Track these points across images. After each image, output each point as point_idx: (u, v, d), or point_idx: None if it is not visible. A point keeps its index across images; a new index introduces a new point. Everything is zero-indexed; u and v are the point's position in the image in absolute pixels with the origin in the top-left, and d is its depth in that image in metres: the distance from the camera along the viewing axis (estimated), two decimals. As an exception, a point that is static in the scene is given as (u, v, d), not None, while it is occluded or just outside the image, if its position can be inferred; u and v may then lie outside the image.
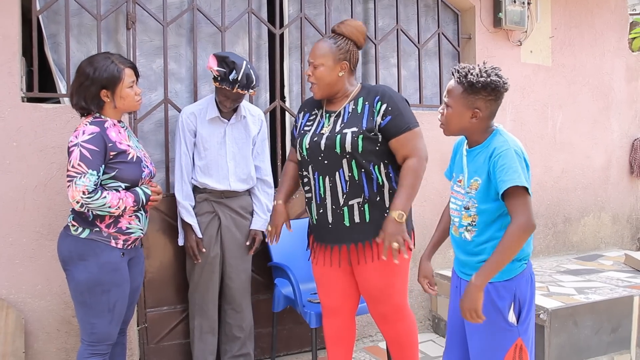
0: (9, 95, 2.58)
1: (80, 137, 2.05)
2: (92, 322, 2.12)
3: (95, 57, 2.17)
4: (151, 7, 2.93)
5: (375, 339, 3.43)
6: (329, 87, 2.20)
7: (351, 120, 2.17)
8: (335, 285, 2.31)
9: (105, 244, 2.11)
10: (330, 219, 2.20)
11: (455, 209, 1.91)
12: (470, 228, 1.84)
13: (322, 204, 2.21)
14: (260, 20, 3.22)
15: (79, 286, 2.10)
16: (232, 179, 2.73)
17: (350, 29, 2.20)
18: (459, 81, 1.80)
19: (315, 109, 2.31)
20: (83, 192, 2.01)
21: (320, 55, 2.18)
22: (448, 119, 1.85)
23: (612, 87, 4.42)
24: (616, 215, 4.49)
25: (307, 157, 2.22)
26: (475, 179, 1.82)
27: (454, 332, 1.99)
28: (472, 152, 1.87)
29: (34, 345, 2.64)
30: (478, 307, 1.73)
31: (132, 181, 2.16)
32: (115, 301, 2.13)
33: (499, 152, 1.75)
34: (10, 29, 2.59)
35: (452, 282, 2.02)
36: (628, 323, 3.06)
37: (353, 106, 2.20)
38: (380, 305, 2.26)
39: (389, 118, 2.13)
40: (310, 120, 2.30)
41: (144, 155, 2.27)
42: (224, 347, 2.84)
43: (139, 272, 2.32)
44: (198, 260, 2.70)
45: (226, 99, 2.61)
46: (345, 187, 2.15)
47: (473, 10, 3.81)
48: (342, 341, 2.39)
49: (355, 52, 2.22)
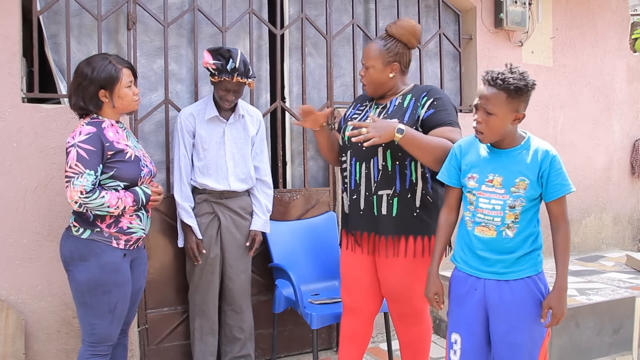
0: (9, 95, 2.58)
1: (77, 137, 2.06)
2: (92, 323, 2.11)
3: (93, 57, 2.17)
4: (152, 7, 2.93)
5: (376, 340, 3.42)
6: (380, 87, 2.24)
7: (395, 112, 2.19)
8: (358, 286, 2.31)
9: (106, 244, 2.10)
10: (362, 206, 2.22)
11: (492, 208, 1.88)
12: (512, 225, 1.87)
13: (356, 189, 2.23)
14: (261, 21, 3.21)
15: (80, 286, 2.10)
16: (232, 179, 2.73)
17: (400, 31, 2.20)
18: (502, 87, 1.78)
19: (367, 101, 2.35)
20: (81, 192, 2.01)
21: (371, 58, 2.20)
22: (491, 127, 1.83)
23: (613, 88, 4.41)
24: (617, 216, 4.49)
25: (348, 143, 2.24)
26: (522, 178, 1.85)
27: (472, 335, 1.96)
28: (509, 153, 1.89)
29: (34, 346, 2.64)
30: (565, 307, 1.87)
31: (131, 180, 2.15)
32: (116, 302, 2.12)
33: (553, 156, 1.87)
34: (11, 29, 2.59)
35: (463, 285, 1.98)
36: (630, 324, 3.05)
37: (400, 100, 2.22)
38: (400, 305, 2.26)
39: (431, 111, 2.14)
40: (359, 110, 2.34)
41: (142, 154, 2.26)
42: (225, 349, 2.83)
43: (141, 273, 2.31)
44: (198, 261, 2.70)
45: (227, 91, 2.61)
46: (377, 175, 2.16)
47: (474, 10, 3.80)
48: (357, 342, 2.38)
49: (405, 53, 2.23)
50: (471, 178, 1.93)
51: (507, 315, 1.89)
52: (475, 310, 1.95)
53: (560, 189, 1.86)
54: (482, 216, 1.91)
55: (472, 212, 1.94)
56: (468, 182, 1.94)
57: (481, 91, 1.84)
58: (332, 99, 3.37)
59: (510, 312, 1.89)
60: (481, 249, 1.92)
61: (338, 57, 3.47)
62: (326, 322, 2.69)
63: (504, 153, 1.90)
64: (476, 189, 1.92)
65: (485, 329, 1.96)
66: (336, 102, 3.40)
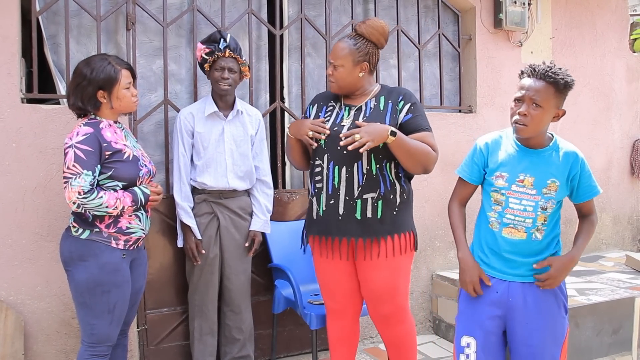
0: (8, 96, 2.58)
1: (75, 138, 2.06)
2: (92, 323, 2.11)
3: (92, 58, 2.17)
4: (151, 8, 2.93)
5: (375, 340, 3.42)
6: (349, 86, 2.23)
7: (374, 116, 2.18)
8: (339, 287, 2.30)
9: (105, 244, 2.11)
10: (341, 211, 2.19)
11: (523, 209, 1.86)
12: (541, 227, 1.86)
13: (334, 194, 2.19)
14: (260, 21, 3.21)
15: (79, 287, 2.10)
16: (230, 176, 2.72)
17: (370, 30, 2.20)
18: (553, 80, 1.78)
19: (332, 102, 2.32)
20: (79, 192, 2.01)
21: (340, 57, 2.19)
22: (536, 120, 1.80)
23: (612, 88, 4.41)
24: (617, 216, 4.49)
25: (324, 146, 2.22)
26: (553, 180, 1.84)
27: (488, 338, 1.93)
28: (540, 153, 1.87)
29: (34, 347, 2.63)
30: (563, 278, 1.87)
31: (129, 180, 2.15)
32: (115, 302, 2.12)
33: (582, 158, 1.88)
34: (10, 29, 2.59)
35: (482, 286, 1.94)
36: (629, 324, 3.05)
37: (375, 103, 2.22)
38: (382, 306, 2.24)
39: (410, 116, 2.17)
40: (328, 112, 2.30)
41: (141, 154, 2.27)
42: (224, 349, 2.83)
43: (141, 274, 2.31)
44: (198, 262, 2.69)
45: (222, 70, 2.64)
46: (362, 179, 2.15)
47: (473, 11, 3.80)
48: (346, 343, 2.38)
49: (375, 52, 2.23)
50: (500, 177, 1.89)
51: (530, 318, 1.87)
52: (493, 312, 1.91)
53: (591, 191, 1.90)
54: (512, 217, 1.87)
55: (499, 213, 1.90)
56: (496, 180, 1.89)
57: (529, 84, 1.80)
58: (331, 99, 3.36)
59: (535, 315, 1.87)
60: (508, 251, 1.88)
61: (337, 57, 3.46)
62: (325, 322, 2.68)
63: (534, 153, 1.87)
64: (506, 189, 1.88)
65: (501, 331, 1.93)
66: (335, 102, 3.40)
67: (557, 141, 1.91)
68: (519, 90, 1.83)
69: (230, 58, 2.64)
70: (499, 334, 1.94)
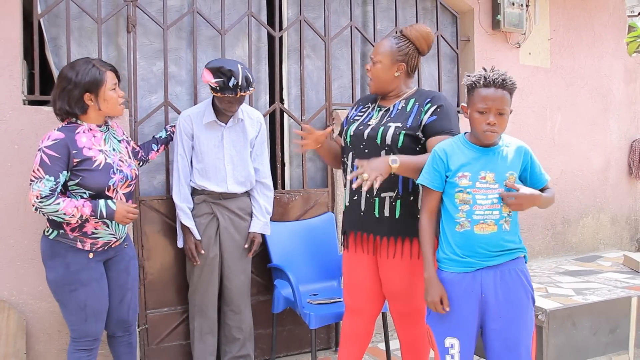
0: (10, 98, 2.60)
1: (44, 142, 2.10)
2: (69, 319, 2.22)
3: (77, 61, 2.20)
4: (151, 10, 2.95)
5: (375, 339, 3.43)
6: (384, 84, 2.25)
7: (398, 116, 2.20)
8: (361, 287, 2.31)
9: (70, 245, 2.16)
10: (362, 207, 2.23)
11: (490, 203, 1.94)
12: (508, 218, 1.96)
13: (357, 191, 2.23)
14: (259, 23, 3.23)
15: (51, 285, 2.21)
16: (230, 182, 2.74)
17: (416, 34, 2.23)
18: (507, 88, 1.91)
19: (370, 103, 2.36)
20: (36, 196, 2.06)
21: (380, 53, 2.23)
22: (504, 125, 1.94)
23: (610, 89, 4.43)
24: (615, 217, 4.51)
25: (350, 144, 2.26)
26: (511, 172, 1.96)
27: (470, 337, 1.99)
28: (494, 150, 1.98)
29: (35, 346, 2.65)
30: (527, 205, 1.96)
31: (96, 189, 2.16)
32: (84, 300, 2.17)
33: (528, 149, 2.02)
34: (12, 32, 2.61)
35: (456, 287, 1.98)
36: (626, 324, 3.07)
37: (403, 104, 2.24)
38: (400, 305, 2.27)
39: (434, 118, 2.15)
40: (361, 112, 2.35)
41: (119, 159, 2.26)
42: (224, 348, 2.85)
43: (122, 270, 2.34)
44: (197, 262, 2.71)
45: (230, 104, 2.62)
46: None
47: (472, 12, 3.83)
48: (357, 341, 2.38)
49: (414, 56, 2.25)
50: (463, 177, 1.96)
51: (502, 311, 1.93)
52: (472, 310, 1.97)
53: (542, 179, 2.03)
54: (481, 213, 1.93)
55: (467, 212, 1.95)
56: (460, 181, 1.96)
57: (491, 95, 1.89)
58: (330, 100, 3.39)
59: (506, 307, 1.93)
60: (482, 246, 1.95)
61: (336, 59, 3.49)
62: (325, 322, 2.71)
63: (489, 151, 1.97)
64: (471, 187, 1.95)
65: (478, 329, 2.00)
66: (334, 103, 3.42)
67: (503, 138, 2.02)
68: (481, 102, 1.90)
69: (241, 96, 2.60)
70: (476, 333, 2.00)
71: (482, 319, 1.98)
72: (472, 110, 1.93)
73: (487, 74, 1.90)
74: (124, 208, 2.18)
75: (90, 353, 2.24)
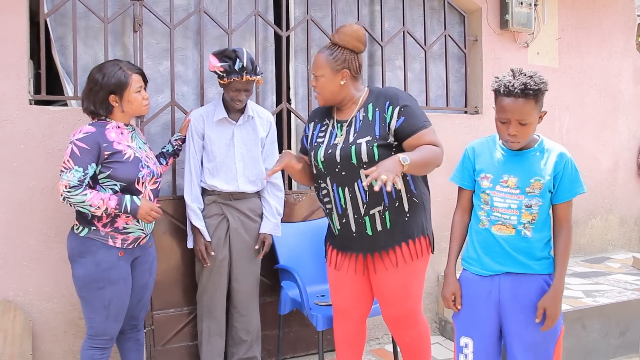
0: (17, 97, 2.60)
1: (76, 135, 2.17)
2: (90, 317, 2.23)
3: (105, 64, 2.29)
4: (158, 9, 2.94)
5: (381, 341, 3.42)
6: (333, 95, 2.20)
7: (364, 129, 2.14)
8: (348, 289, 2.30)
9: (102, 242, 2.19)
10: (353, 228, 2.19)
11: (507, 207, 1.91)
12: (529, 225, 1.90)
13: (344, 214, 2.20)
14: (266, 23, 3.22)
15: (77, 282, 2.21)
16: (241, 180, 2.73)
17: (344, 37, 2.16)
18: (531, 95, 1.79)
19: (326, 119, 2.29)
20: (65, 186, 2.11)
21: (319, 67, 2.18)
22: (527, 134, 1.86)
23: (619, 89, 4.40)
24: (624, 218, 4.47)
25: (324, 170, 2.20)
26: (537, 179, 1.89)
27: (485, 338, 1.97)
28: (524, 154, 1.92)
29: (41, 347, 2.65)
30: (559, 309, 1.90)
31: (127, 180, 2.21)
32: (110, 298, 2.20)
33: (568, 158, 1.90)
34: (18, 31, 2.61)
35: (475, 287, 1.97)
36: (637, 326, 3.04)
37: (364, 114, 2.18)
38: (393, 309, 2.24)
39: (402, 119, 2.10)
40: (322, 132, 2.27)
41: (146, 156, 2.32)
42: (231, 350, 2.83)
43: (146, 271, 2.38)
44: (207, 263, 2.70)
45: (237, 92, 2.62)
46: (365, 197, 2.13)
47: (480, 12, 3.80)
48: (352, 344, 2.37)
49: (353, 59, 2.18)
50: (485, 178, 1.96)
51: (521, 313, 1.90)
52: (488, 312, 1.94)
53: (570, 191, 1.90)
54: (498, 214, 1.93)
55: (486, 212, 1.96)
56: (482, 182, 1.96)
57: (510, 105, 1.81)
58: (337, 100, 3.37)
59: (524, 309, 1.90)
60: (500, 246, 1.92)
61: (343, 58, 3.46)
62: (332, 323, 2.68)
63: (518, 155, 1.93)
64: (490, 189, 1.94)
65: (497, 332, 1.96)
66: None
67: (543, 142, 1.95)
68: (501, 112, 1.84)
69: (247, 80, 2.61)
70: (494, 334, 1.97)
71: (503, 322, 1.95)
72: (496, 117, 1.89)
73: (508, 80, 1.81)
74: (148, 205, 2.23)
75: (103, 352, 2.25)
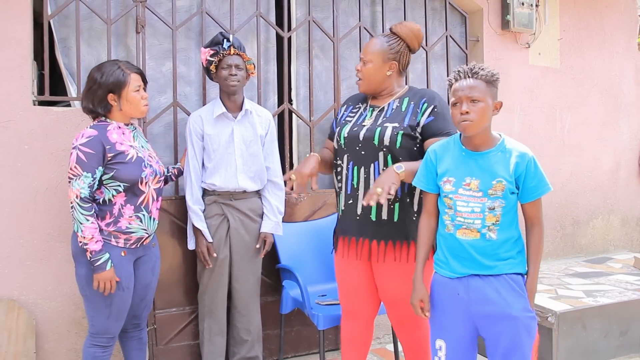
0: (20, 98, 2.62)
1: (79, 140, 2.16)
2: (92, 315, 2.25)
3: (104, 63, 2.30)
4: (160, 11, 2.96)
5: (382, 341, 3.43)
6: (375, 84, 2.20)
7: (394, 116, 2.16)
8: (356, 289, 2.29)
9: (105, 242, 2.19)
10: (358, 211, 2.19)
11: (470, 211, 1.87)
12: (493, 227, 1.86)
13: (353, 194, 2.19)
14: (268, 24, 3.23)
15: (80, 280, 2.23)
16: (241, 177, 2.73)
17: (406, 31, 2.19)
18: (479, 76, 1.82)
19: (360, 103, 2.31)
20: (77, 196, 2.11)
21: (371, 52, 2.18)
22: (479, 113, 1.81)
23: (621, 89, 4.40)
24: (625, 218, 4.47)
25: (344, 146, 2.21)
26: (499, 180, 1.84)
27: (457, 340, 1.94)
28: (485, 155, 1.87)
29: (45, 345, 2.67)
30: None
31: (130, 181, 2.22)
32: (112, 297, 2.21)
33: (530, 158, 1.86)
34: (22, 33, 2.63)
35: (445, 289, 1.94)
36: (637, 326, 3.04)
37: (398, 104, 2.19)
38: (398, 311, 2.24)
39: (432, 118, 2.12)
40: (352, 113, 2.30)
41: (148, 155, 2.33)
42: (233, 350, 2.85)
43: (148, 270, 2.39)
44: (209, 265, 2.71)
45: (229, 67, 2.65)
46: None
47: (481, 12, 3.81)
48: (358, 344, 2.37)
49: (406, 53, 2.21)
50: (447, 182, 1.91)
51: (494, 313, 1.85)
52: (459, 314, 1.91)
53: (536, 191, 1.86)
54: (462, 219, 1.89)
55: (451, 216, 1.91)
56: (444, 186, 1.92)
57: (460, 85, 1.84)
58: (338, 101, 3.38)
59: (497, 311, 1.85)
60: (465, 251, 1.89)
61: (345, 59, 3.48)
62: (333, 323, 2.70)
63: (479, 156, 1.88)
64: (453, 193, 1.90)
65: (471, 332, 1.93)
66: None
67: (504, 141, 1.90)
68: (453, 95, 1.85)
69: (236, 55, 2.67)
70: (467, 335, 1.93)
71: (478, 324, 1.90)
72: (450, 108, 1.88)
73: (458, 69, 1.85)
74: (109, 276, 2.16)
75: (105, 350, 2.27)
